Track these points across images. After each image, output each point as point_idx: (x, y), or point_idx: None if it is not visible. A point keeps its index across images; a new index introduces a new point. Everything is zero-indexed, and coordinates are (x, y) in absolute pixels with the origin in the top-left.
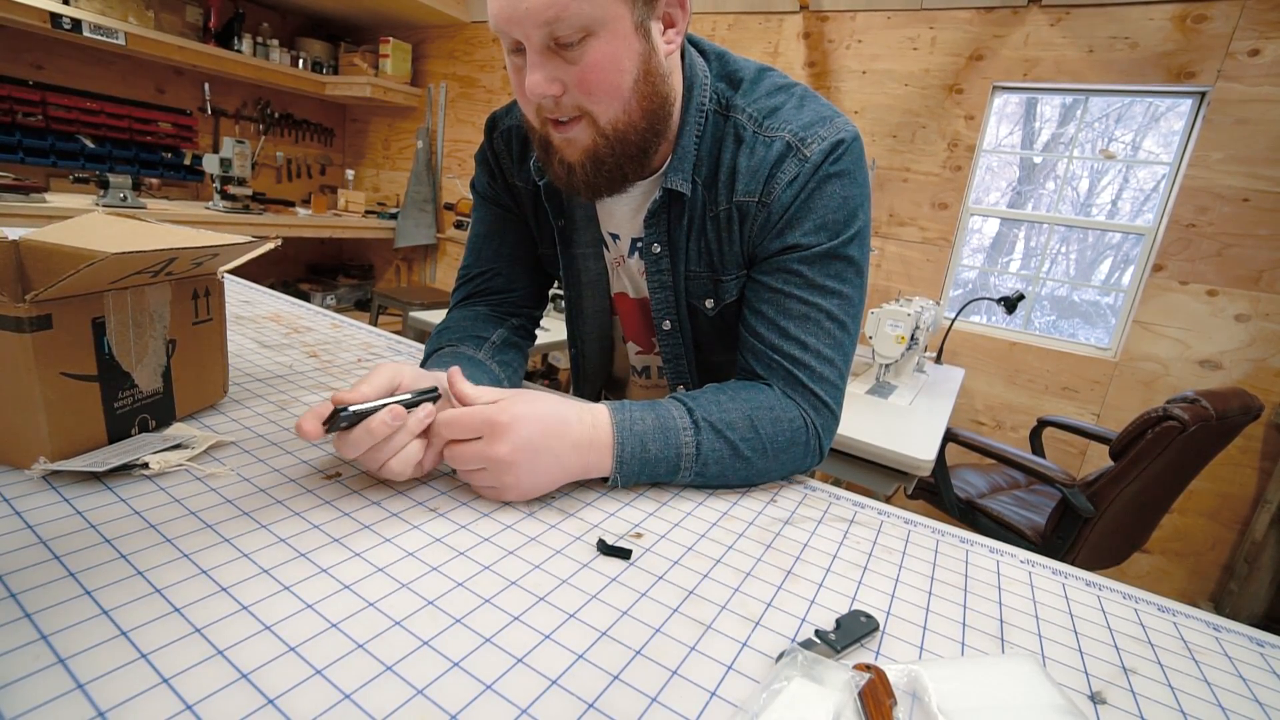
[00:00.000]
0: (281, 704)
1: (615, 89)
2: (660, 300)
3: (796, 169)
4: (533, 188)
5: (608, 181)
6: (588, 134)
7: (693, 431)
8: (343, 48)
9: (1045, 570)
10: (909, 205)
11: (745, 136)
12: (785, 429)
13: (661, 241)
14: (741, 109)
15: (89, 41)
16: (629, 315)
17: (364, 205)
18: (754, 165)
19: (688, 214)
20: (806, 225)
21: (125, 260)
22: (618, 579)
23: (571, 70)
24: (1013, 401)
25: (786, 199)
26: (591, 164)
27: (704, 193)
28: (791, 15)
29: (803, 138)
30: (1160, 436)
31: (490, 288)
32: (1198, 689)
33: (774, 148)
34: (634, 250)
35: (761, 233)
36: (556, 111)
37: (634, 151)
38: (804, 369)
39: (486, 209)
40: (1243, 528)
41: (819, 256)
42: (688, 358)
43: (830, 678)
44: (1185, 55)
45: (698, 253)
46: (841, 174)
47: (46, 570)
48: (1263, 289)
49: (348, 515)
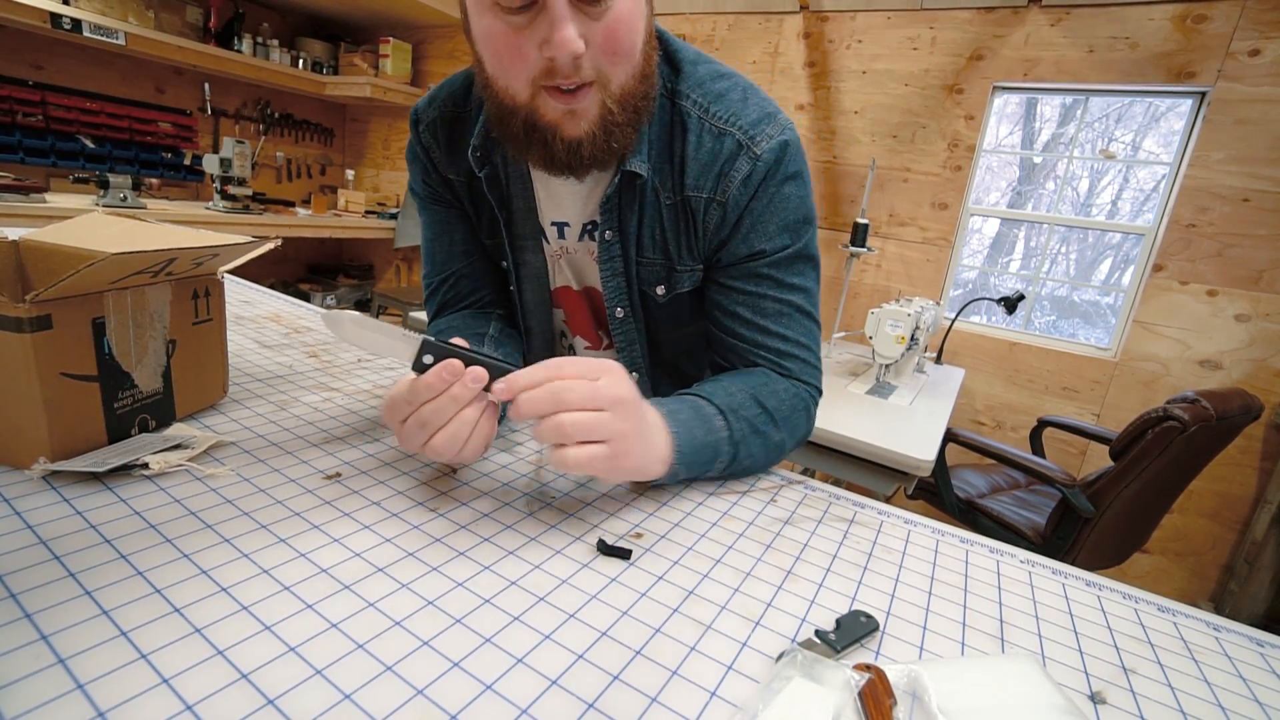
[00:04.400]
0: (281, 704)
1: (632, 49)
2: (613, 288)
3: (749, 167)
4: (466, 178)
5: (608, 154)
6: (597, 101)
7: (720, 417)
8: (343, 48)
9: (1045, 570)
10: (909, 205)
11: (691, 124)
12: (787, 399)
13: (614, 228)
14: (686, 94)
15: (89, 41)
16: (574, 309)
17: (364, 205)
18: (703, 158)
19: (639, 199)
20: (770, 229)
21: (125, 260)
22: (618, 579)
23: (595, 27)
24: (1013, 401)
25: (743, 199)
26: (604, 134)
27: (655, 178)
28: (791, 15)
29: (752, 135)
30: (1160, 437)
31: (459, 293)
32: (1198, 689)
33: (725, 143)
34: (586, 234)
35: (719, 231)
36: (573, 76)
37: (634, 119)
38: (789, 358)
39: (429, 210)
40: (1243, 528)
41: (786, 259)
42: (640, 343)
43: (829, 677)
44: (1185, 55)
45: (650, 240)
46: (795, 176)
47: (46, 570)
48: (1263, 289)
49: (348, 515)
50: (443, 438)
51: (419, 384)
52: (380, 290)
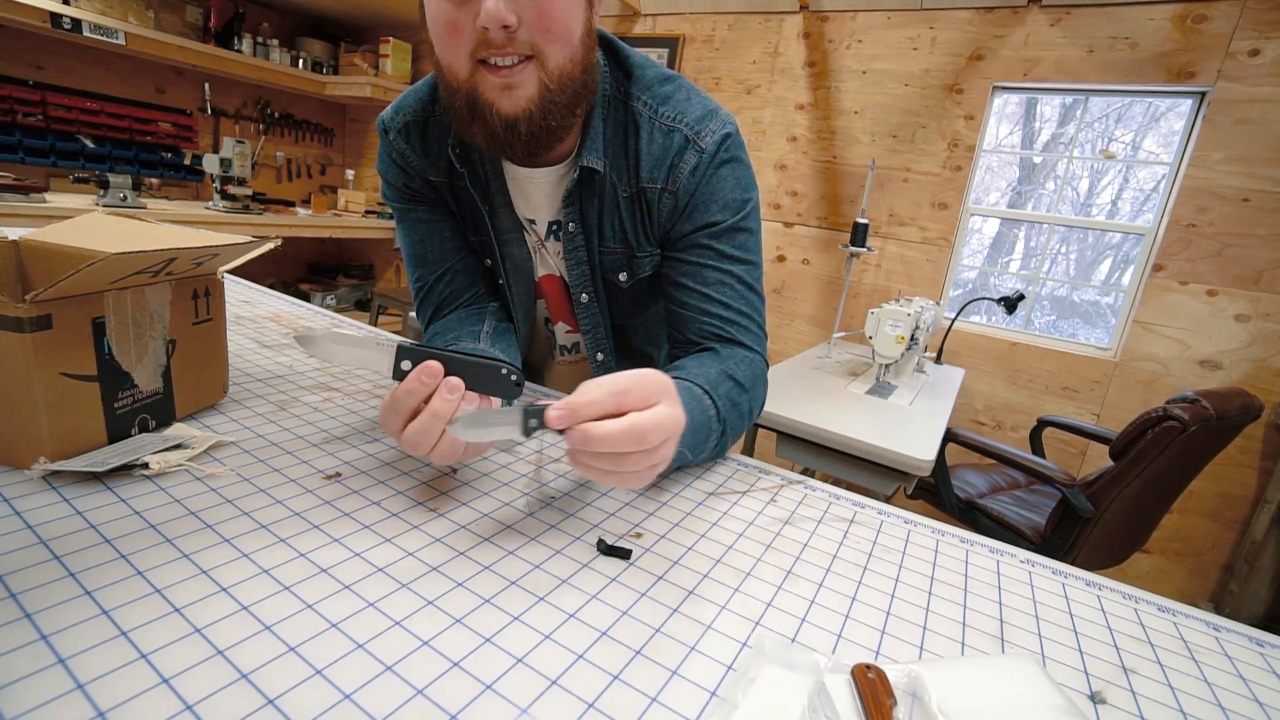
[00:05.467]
0: (281, 704)
1: (569, 32)
2: (578, 275)
3: (696, 159)
4: (447, 177)
5: (546, 135)
6: (534, 78)
7: (708, 397)
8: (343, 48)
9: (1045, 570)
10: (909, 205)
11: (642, 123)
12: (747, 368)
13: (576, 220)
14: (637, 97)
15: (89, 41)
16: (556, 296)
17: (364, 205)
18: (655, 153)
19: (598, 193)
20: (712, 207)
21: (125, 260)
22: (618, 579)
23: (529, 4)
24: (1013, 401)
25: (690, 186)
26: (540, 112)
27: (612, 173)
28: (791, 15)
29: (698, 131)
30: (1160, 436)
31: (455, 289)
32: (1198, 689)
33: (674, 139)
34: (550, 233)
35: (671, 217)
36: (506, 47)
37: (571, 104)
38: (733, 325)
39: (414, 212)
40: (1243, 528)
41: (725, 231)
42: (604, 325)
43: (800, 662)
44: (1185, 55)
45: (611, 230)
46: (733, 160)
47: (46, 570)
48: (1263, 289)
49: (348, 515)
50: (439, 452)
51: (400, 392)
52: (380, 290)
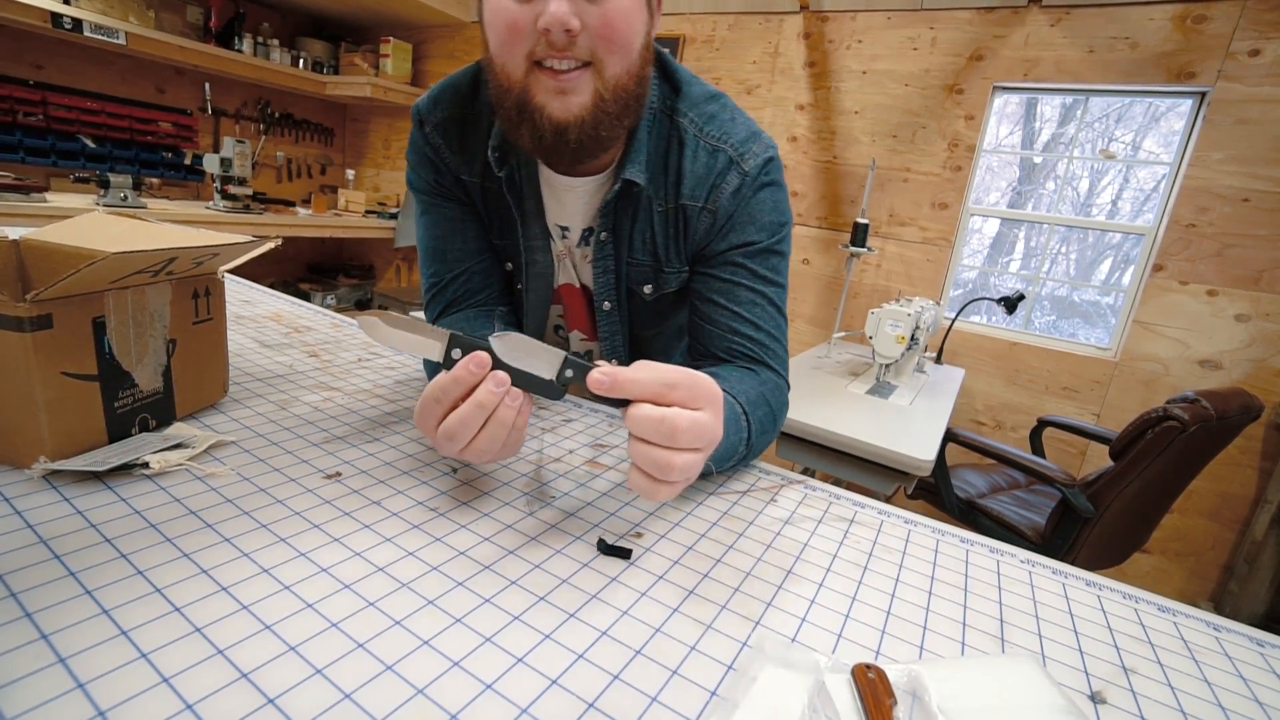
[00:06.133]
0: (281, 704)
1: (629, 43)
2: (603, 284)
3: (738, 180)
4: (481, 179)
5: (594, 144)
6: (590, 86)
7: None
8: (343, 48)
9: (1045, 570)
10: (909, 205)
11: (687, 140)
12: (778, 395)
13: (609, 230)
14: (684, 113)
15: (89, 41)
16: (574, 304)
17: (364, 205)
18: (698, 171)
19: (633, 205)
20: (749, 228)
21: (125, 260)
22: (618, 579)
23: (593, 10)
24: (1013, 401)
25: (730, 207)
26: (591, 120)
27: (649, 187)
28: (792, 15)
29: (742, 153)
30: (1160, 437)
31: (470, 289)
32: (1198, 689)
33: (718, 159)
34: (584, 240)
35: (707, 235)
36: (566, 50)
37: (621, 115)
38: (760, 346)
39: (439, 207)
40: (1243, 528)
41: (759, 251)
42: (623, 334)
43: (799, 662)
44: (1185, 55)
45: (642, 243)
46: (773, 183)
47: (46, 570)
48: (1263, 289)
49: (348, 515)
50: (481, 443)
51: (446, 380)
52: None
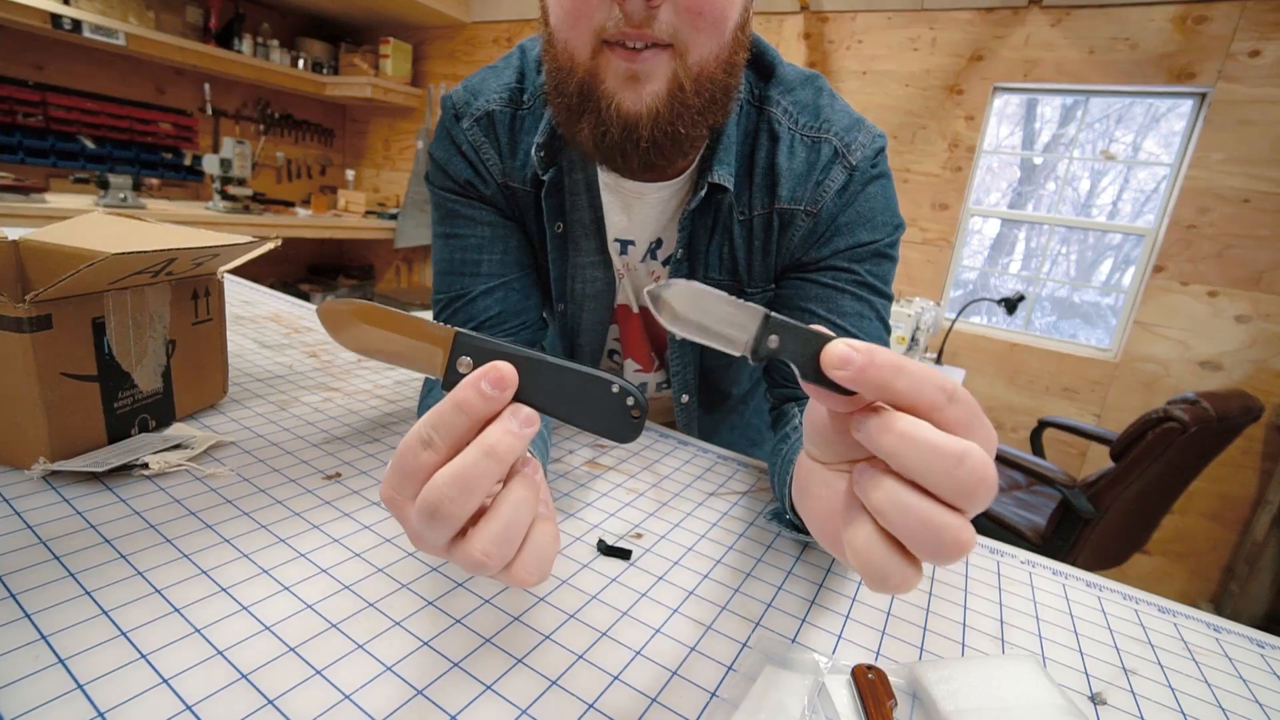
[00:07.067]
0: (281, 704)
1: (721, 23)
2: None
3: (844, 177)
4: (531, 186)
5: (670, 144)
6: (667, 71)
7: None
8: (343, 48)
9: (1045, 571)
10: (909, 206)
11: (781, 133)
12: None
13: (685, 245)
14: (777, 102)
15: (89, 42)
16: (631, 330)
17: (364, 205)
18: (797, 169)
19: (714, 216)
20: (859, 228)
21: (125, 260)
22: (618, 579)
23: None
24: (1013, 402)
25: (835, 208)
26: (668, 113)
27: (732, 193)
28: (792, 15)
29: (848, 144)
30: (1161, 438)
31: (508, 308)
32: (1198, 690)
33: (821, 152)
34: (649, 255)
35: (804, 243)
36: (644, 27)
37: (706, 109)
38: None
39: (475, 210)
40: (1243, 529)
41: (870, 254)
42: (694, 366)
43: (798, 662)
44: (1185, 56)
45: (718, 261)
46: (883, 175)
47: (46, 570)
48: (1263, 290)
49: (348, 515)
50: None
51: (445, 409)
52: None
